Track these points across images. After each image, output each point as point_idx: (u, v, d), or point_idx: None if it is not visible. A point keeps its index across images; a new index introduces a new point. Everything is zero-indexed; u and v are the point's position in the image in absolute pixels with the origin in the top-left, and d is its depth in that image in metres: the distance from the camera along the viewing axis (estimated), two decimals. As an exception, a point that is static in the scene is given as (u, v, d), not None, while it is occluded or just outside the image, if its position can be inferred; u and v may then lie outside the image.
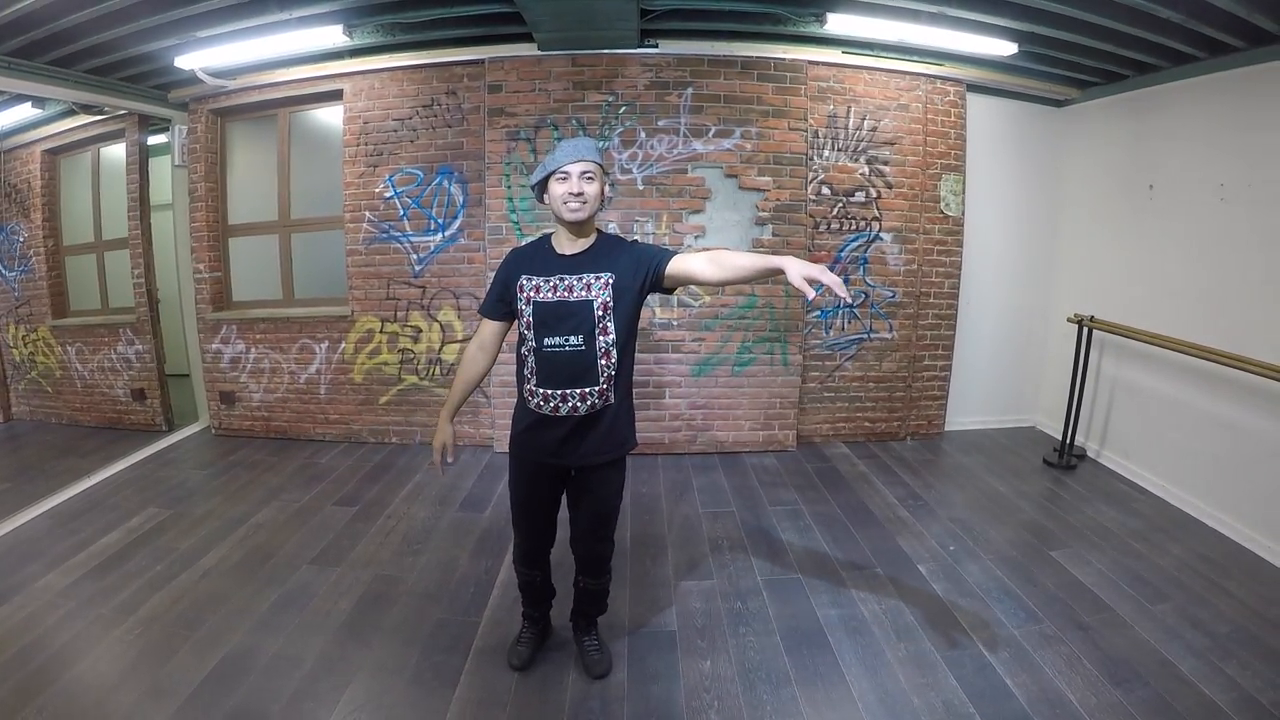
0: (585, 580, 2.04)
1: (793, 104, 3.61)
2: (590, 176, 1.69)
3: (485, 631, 2.27)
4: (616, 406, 1.80)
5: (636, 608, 2.40)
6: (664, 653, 2.17)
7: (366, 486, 3.47)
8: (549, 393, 1.73)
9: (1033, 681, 1.99)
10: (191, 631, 2.24)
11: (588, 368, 1.72)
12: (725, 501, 3.28)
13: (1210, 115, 3.17)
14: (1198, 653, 2.12)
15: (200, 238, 4.13)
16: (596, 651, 2.10)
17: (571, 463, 1.81)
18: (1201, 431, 3.18)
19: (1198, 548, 2.84)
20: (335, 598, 2.46)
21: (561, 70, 3.55)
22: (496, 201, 3.67)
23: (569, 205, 1.68)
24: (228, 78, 3.81)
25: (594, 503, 1.90)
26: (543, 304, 1.72)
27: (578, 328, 1.71)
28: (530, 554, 2.01)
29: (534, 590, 2.09)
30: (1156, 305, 3.43)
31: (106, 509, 3.21)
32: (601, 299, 1.71)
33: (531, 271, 1.76)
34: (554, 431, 1.77)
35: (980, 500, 3.31)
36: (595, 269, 1.74)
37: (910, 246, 3.92)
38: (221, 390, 4.23)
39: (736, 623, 2.32)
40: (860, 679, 2.03)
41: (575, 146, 1.69)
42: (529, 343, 1.75)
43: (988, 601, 2.42)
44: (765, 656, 2.15)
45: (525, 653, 2.11)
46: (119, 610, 2.37)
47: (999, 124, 4.02)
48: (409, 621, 2.32)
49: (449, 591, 2.51)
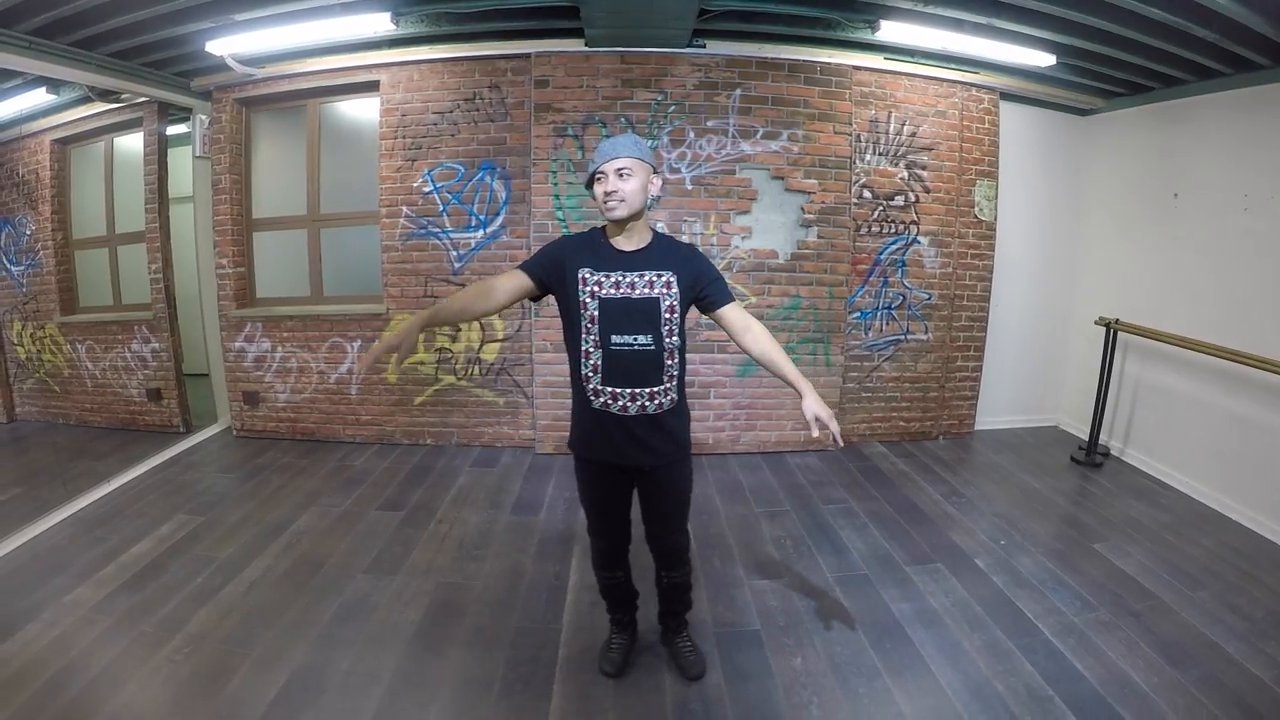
0: (668, 575, 2.01)
1: (838, 108, 3.65)
2: (626, 172, 1.64)
3: (569, 639, 2.22)
4: (680, 407, 1.80)
5: (716, 608, 2.40)
6: (752, 651, 2.17)
7: (408, 490, 3.38)
8: (617, 391, 1.70)
9: (1099, 665, 2.09)
10: (248, 649, 2.11)
11: (656, 367, 1.71)
12: (779, 501, 3.30)
13: (1235, 128, 3.29)
14: (1239, 635, 2.25)
15: (223, 231, 3.98)
16: (691, 652, 2.09)
17: (642, 463, 1.79)
18: (1225, 430, 3.30)
19: (1226, 540, 2.96)
20: (400, 608, 2.37)
21: (610, 67, 3.52)
22: (542, 199, 3.63)
23: (606, 204, 1.66)
24: (256, 66, 3.68)
25: (668, 497, 1.89)
26: (609, 300, 1.68)
27: (645, 326, 1.69)
28: (610, 555, 1.98)
29: (619, 592, 2.07)
30: (1179, 308, 3.55)
31: (132, 515, 3.07)
32: (669, 300, 1.70)
33: (591, 265, 1.70)
34: (621, 432, 1.74)
35: (1018, 497, 3.40)
36: (657, 267, 1.71)
37: (946, 250, 3.99)
38: (245, 390, 4.09)
39: (817, 620, 2.35)
40: (944, 669, 2.09)
41: (612, 145, 1.66)
42: (591, 339, 1.69)
43: (1045, 592, 2.52)
44: (852, 651, 2.18)
45: (618, 658, 2.08)
46: (162, 627, 2.22)
47: (1027, 131, 4.12)
48: (485, 631, 2.26)
49: (520, 598, 2.45)
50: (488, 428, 3.97)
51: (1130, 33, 2.94)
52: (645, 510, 1.93)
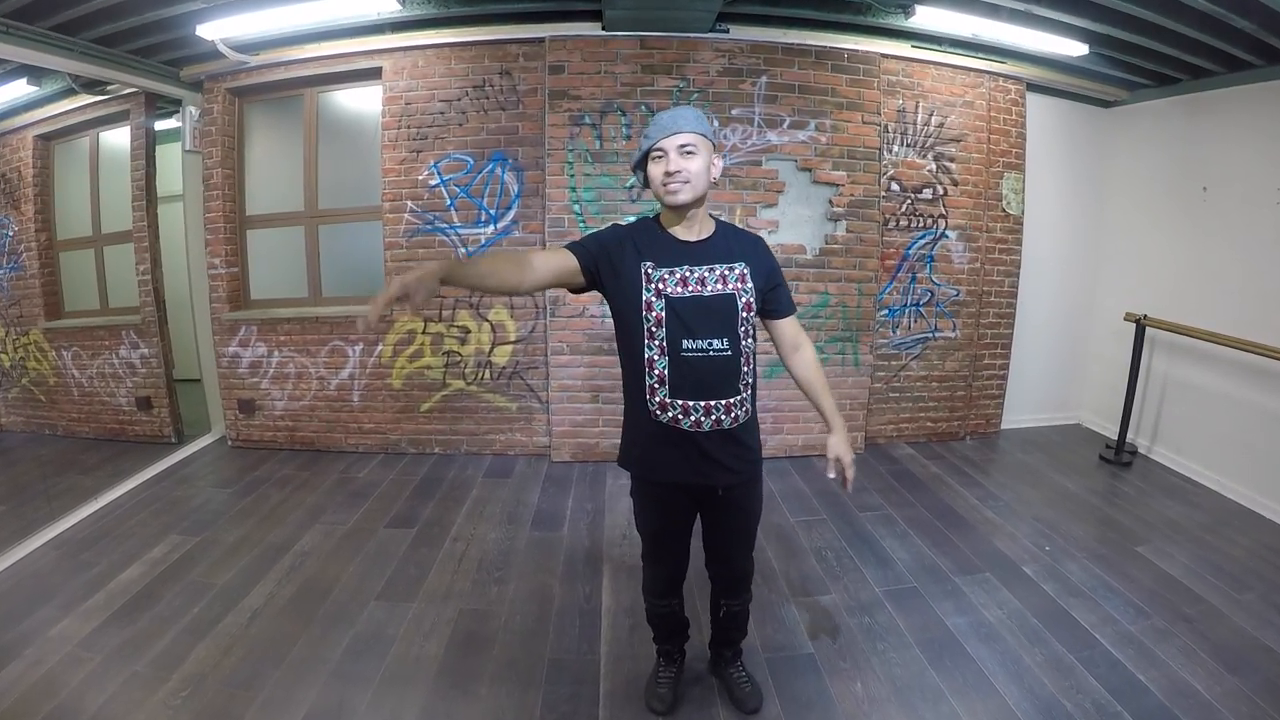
0: (728, 603, 1.85)
1: (866, 97, 3.49)
2: (691, 150, 1.43)
3: (609, 671, 2.05)
4: (754, 416, 1.61)
5: (763, 630, 2.24)
6: (809, 677, 2.03)
7: (419, 504, 3.19)
8: (690, 404, 1.48)
9: (1161, 675, 2.01)
10: (253, 691, 1.92)
11: (732, 375, 1.49)
12: (814, 509, 3.15)
13: (1266, 121, 3.19)
14: None
15: (215, 230, 3.76)
16: (746, 684, 1.93)
17: (718, 482, 1.58)
18: (1257, 426, 3.22)
19: (1264, 539, 2.90)
20: (420, 640, 2.18)
21: (629, 52, 3.34)
22: (558, 191, 3.44)
23: (668, 187, 1.44)
24: (250, 53, 3.46)
25: (741, 520, 1.72)
26: (679, 300, 1.46)
27: (720, 329, 1.47)
28: (669, 583, 1.81)
29: (671, 622, 1.89)
30: (1208, 303, 3.46)
31: (121, 536, 2.85)
32: (745, 296, 1.49)
33: (654, 258, 1.49)
34: (694, 449, 1.53)
35: (1054, 498, 3.30)
36: (727, 259, 1.51)
37: (974, 244, 3.86)
38: (240, 398, 3.87)
39: (872, 639, 2.21)
40: (1009, 686, 1.99)
41: (672, 117, 1.44)
42: (657, 345, 1.47)
43: (1097, 599, 2.43)
44: (912, 672, 2.05)
45: (667, 694, 1.91)
46: (157, 665, 2.02)
47: (1052, 122, 4.00)
48: (517, 664, 2.07)
49: (552, 625, 2.27)
50: (499, 435, 3.78)
51: (1168, 21, 2.84)
52: (710, 534, 1.75)
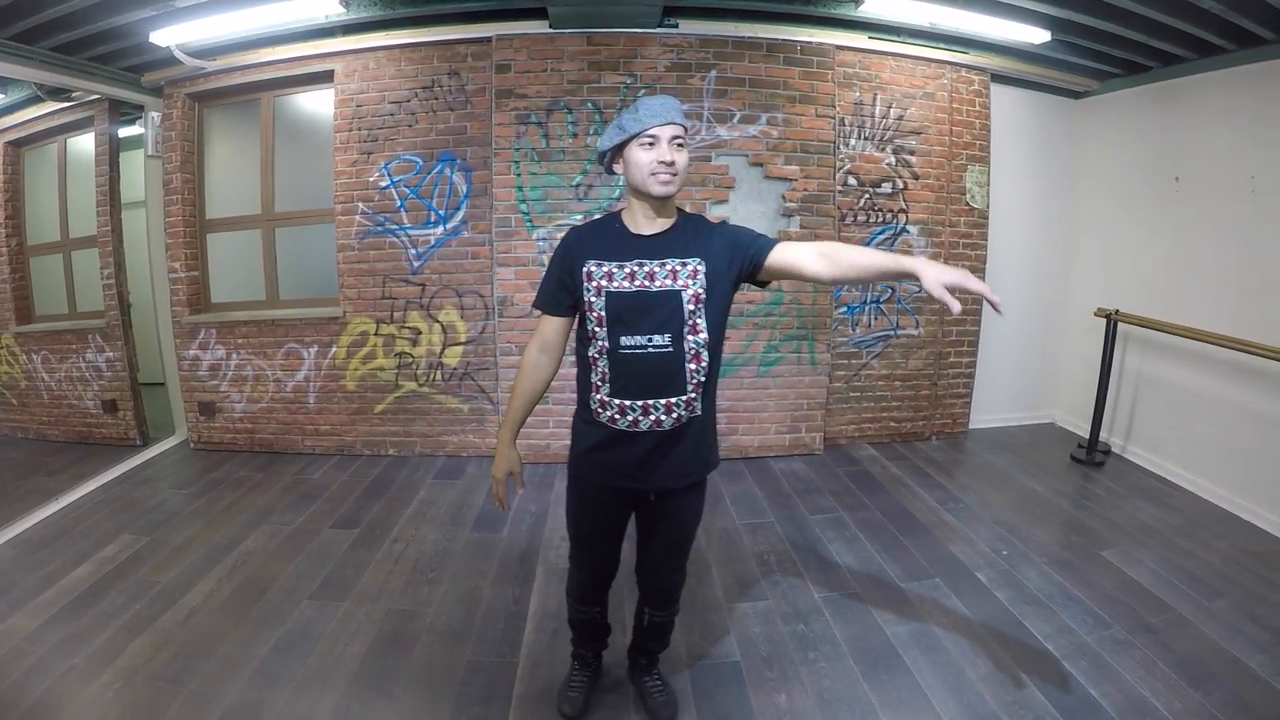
0: (652, 613, 1.78)
1: (820, 89, 3.43)
2: (681, 143, 1.41)
3: (525, 675, 2.01)
4: (704, 419, 1.53)
5: (690, 636, 2.17)
6: (732, 687, 1.96)
7: (366, 505, 3.16)
8: (627, 404, 1.45)
9: (1117, 690, 1.91)
10: (180, 685, 1.94)
11: (674, 373, 1.44)
12: (762, 512, 3.07)
13: (1240, 107, 3.10)
14: (1263, 648, 2.10)
15: (176, 234, 3.75)
16: (661, 693, 1.87)
17: (652, 486, 1.53)
18: (1234, 425, 3.12)
19: (1240, 542, 2.80)
20: (345, 639, 2.16)
21: (576, 49, 3.30)
22: (504, 191, 3.40)
23: (659, 177, 1.38)
24: (207, 58, 3.45)
25: (673, 530, 1.65)
26: (619, 295, 1.43)
27: (663, 324, 1.42)
28: (592, 589, 1.76)
29: (592, 628, 1.84)
30: (1183, 297, 3.37)
31: (77, 536, 2.86)
32: (693, 290, 1.43)
33: (601, 255, 1.45)
34: (631, 450, 1.48)
35: (1019, 501, 3.20)
36: (683, 253, 1.45)
37: (937, 239, 3.78)
38: (200, 400, 3.85)
39: (804, 648, 2.13)
40: (947, 702, 1.89)
41: (664, 105, 1.38)
42: (599, 343, 1.45)
43: (1054, 608, 2.33)
44: (843, 685, 1.97)
45: (578, 699, 1.86)
46: (95, 660, 2.05)
47: (1020, 114, 3.92)
48: (435, 666, 2.05)
49: (476, 627, 2.23)
50: (452, 436, 3.74)
51: (1129, 4, 2.76)
52: (644, 543, 1.69)
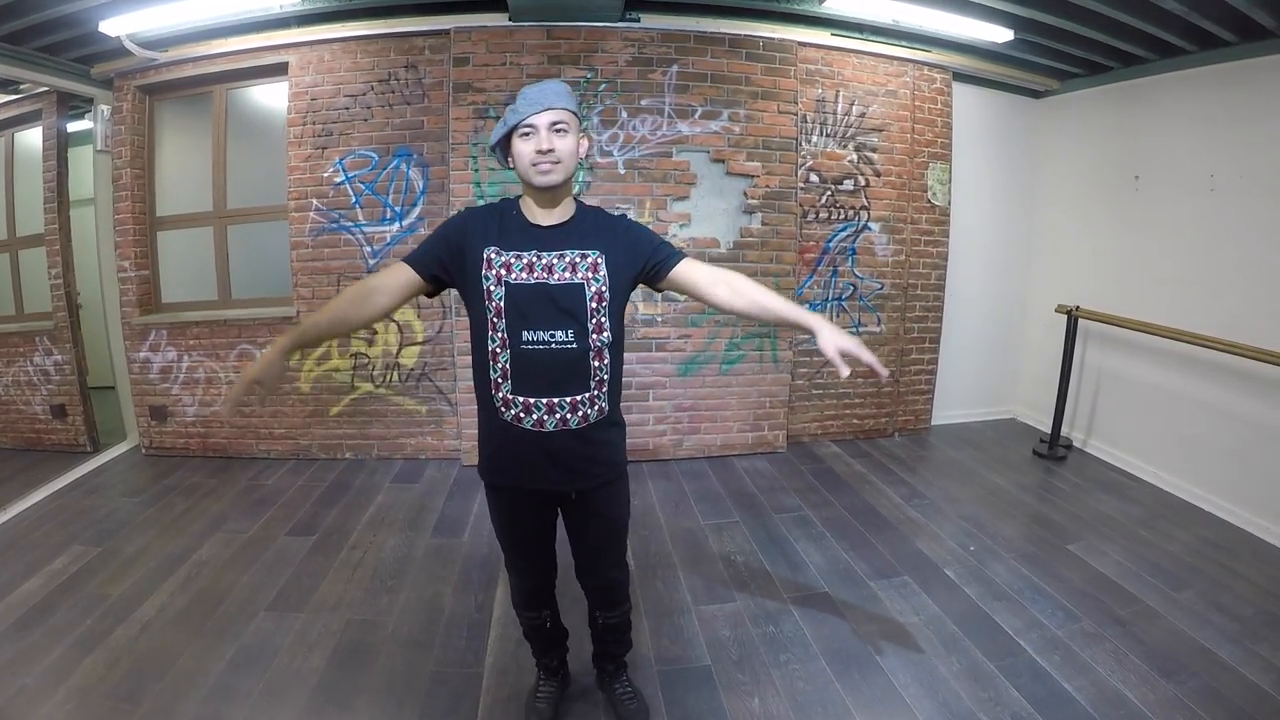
0: (603, 615, 1.73)
1: (782, 86, 3.41)
2: (563, 128, 1.34)
3: (491, 685, 1.95)
4: (611, 416, 1.49)
5: (660, 641, 2.14)
6: (703, 692, 1.92)
7: (322, 511, 3.06)
8: (531, 401, 1.39)
9: (1089, 683, 1.93)
10: (134, 704, 1.85)
11: (579, 370, 1.40)
12: (727, 511, 3.05)
13: (1200, 108, 3.15)
14: (1231, 638, 2.13)
15: (125, 232, 3.60)
16: (631, 699, 1.81)
17: (566, 487, 1.49)
18: (1192, 417, 3.18)
19: (1202, 533, 2.85)
20: (304, 651, 2.08)
21: (535, 43, 3.23)
22: (462, 186, 3.31)
23: (538, 167, 1.33)
24: (158, 48, 3.31)
25: (601, 525, 1.59)
26: (519, 287, 1.36)
27: (564, 320, 1.37)
28: (533, 595, 1.69)
29: (544, 635, 1.77)
30: (1142, 294, 3.42)
31: (25, 548, 2.74)
32: (595, 287, 1.39)
33: (499, 243, 1.38)
34: (539, 450, 1.42)
35: (983, 496, 3.23)
36: (580, 245, 1.40)
37: (898, 236, 3.79)
38: (151, 404, 3.70)
39: (775, 650, 2.10)
40: (921, 700, 1.88)
41: (541, 92, 1.34)
42: (499, 337, 1.38)
43: (1023, 603, 2.35)
44: (816, 686, 1.95)
45: (547, 710, 1.80)
46: (46, 678, 1.96)
47: (981, 112, 3.95)
48: (397, 677, 1.98)
49: (439, 637, 2.16)
50: (410, 439, 3.65)
51: (1094, 5, 2.77)
52: (575, 544, 1.64)
